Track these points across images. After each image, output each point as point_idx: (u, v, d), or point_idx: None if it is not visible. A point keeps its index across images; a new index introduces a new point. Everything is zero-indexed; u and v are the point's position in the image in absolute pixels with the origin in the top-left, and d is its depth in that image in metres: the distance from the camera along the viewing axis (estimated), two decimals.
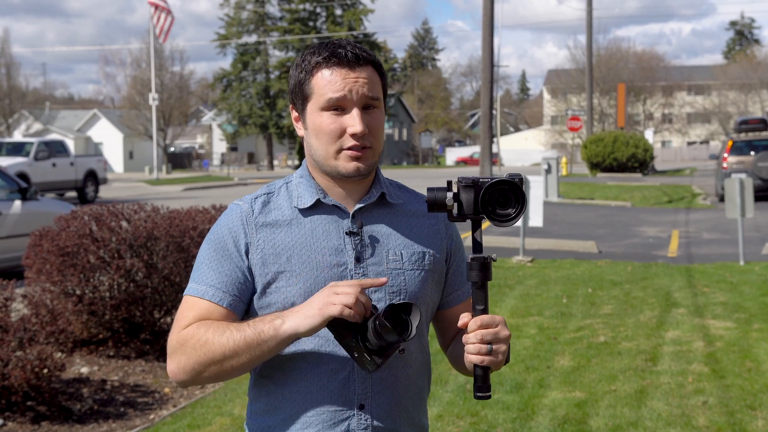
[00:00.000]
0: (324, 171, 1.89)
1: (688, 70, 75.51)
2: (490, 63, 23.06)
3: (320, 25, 61.69)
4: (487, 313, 1.73)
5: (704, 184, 29.85)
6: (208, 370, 1.80)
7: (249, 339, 1.75)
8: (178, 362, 1.83)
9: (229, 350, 1.76)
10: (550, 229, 15.49)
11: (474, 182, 1.71)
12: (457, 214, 1.73)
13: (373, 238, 1.90)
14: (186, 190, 31.95)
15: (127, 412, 5.48)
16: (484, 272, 1.71)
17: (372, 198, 1.92)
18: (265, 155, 62.94)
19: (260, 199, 1.91)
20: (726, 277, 10.19)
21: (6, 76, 50.75)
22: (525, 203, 1.69)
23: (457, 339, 2.00)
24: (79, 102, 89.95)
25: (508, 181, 1.69)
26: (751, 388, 5.77)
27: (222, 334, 1.77)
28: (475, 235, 1.75)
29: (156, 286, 6.48)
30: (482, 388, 1.73)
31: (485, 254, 1.72)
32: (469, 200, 1.71)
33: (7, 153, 24.22)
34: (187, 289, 1.90)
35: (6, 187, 10.79)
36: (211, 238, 1.91)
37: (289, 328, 1.73)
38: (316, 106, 1.86)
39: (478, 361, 1.71)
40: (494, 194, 1.69)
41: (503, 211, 1.70)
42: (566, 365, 6.42)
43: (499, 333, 1.71)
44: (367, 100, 1.85)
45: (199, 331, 1.81)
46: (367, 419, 1.86)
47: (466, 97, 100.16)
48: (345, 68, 1.84)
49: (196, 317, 1.85)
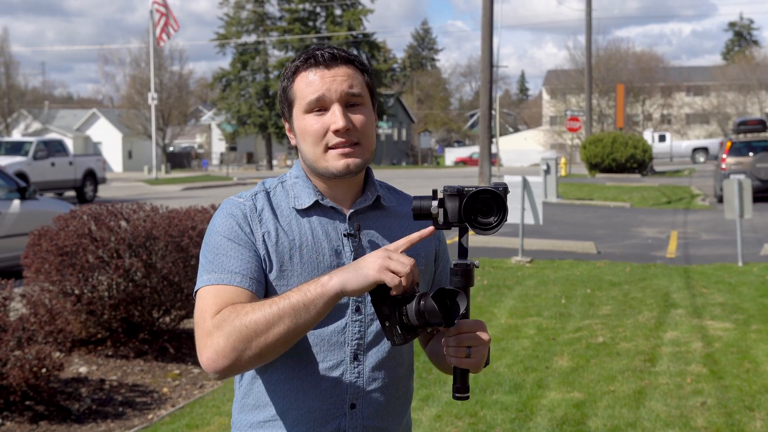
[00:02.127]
0: (317, 174, 1.90)
1: (686, 70, 75.48)
2: (489, 63, 23.07)
3: (320, 24, 61.69)
4: (468, 317, 1.75)
5: (703, 185, 29.85)
6: (251, 346, 1.68)
7: (295, 302, 1.67)
8: (216, 347, 1.69)
9: (273, 317, 1.67)
10: (549, 230, 15.49)
11: (459, 191, 1.74)
12: (443, 222, 1.76)
13: (369, 240, 1.91)
14: (185, 190, 31.95)
15: (125, 412, 5.47)
16: (466, 278, 1.74)
17: (367, 201, 1.93)
18: (264, 155, 62.94)
19: (260, 195, 1.91)
20: (724, 278, 10.19)
21: (5, 75, 50.73)
22: (506, 212, 1.72)
23: (436, 337, 2.03)
24: (78, 101, 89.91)
25: (491, 191, 1.72)
26: (749, 388, 5.77)
27: (263, 305, 1.69)
28: (461, 241, 1.78)
29: (155, 286, 6.47)
30: (461, 389, 1.78)
31: (468, 261, 1.75)
32: (454, 209, 1.74)
33: (5, 152, 24.21)
34: (201, 281, 1.81)
35: (5, 187, 10.78)
36: (218, 231, 1.85)
37: (337, 283, 1.67)
38: (300, 110, 1.88)
39: (457, 363, 1.75)
40: (477, 203, 1.73)
41: (485, 219, 1.73)
42: (565, 366, 6.43)
43: (478, 337, 1.75)
44: (348, 97, 1.86)
45: (236, 309, 1.71)
46: (359, 419, 1.88)
47: (465, 98, 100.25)
48: (321, 68, 1.86)
49: (225, 303, 1.75)
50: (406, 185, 9.05)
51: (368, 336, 1.89)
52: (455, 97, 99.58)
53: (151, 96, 39.30)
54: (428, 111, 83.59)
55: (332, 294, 1.68)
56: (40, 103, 61.56)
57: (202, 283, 1.80)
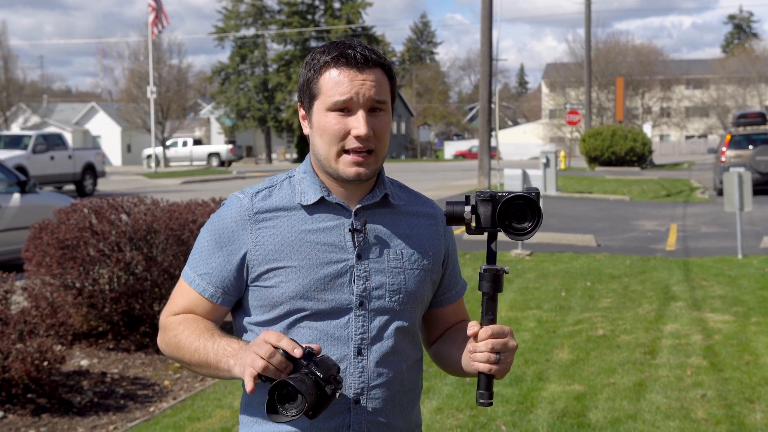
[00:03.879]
0: (326, 171, 1.90)
1: (686, 63, 75.49)
2: (488, 56, 23.04)
3: (318, 18, 61.55)
4: (496, 323, 1.77)
5: (702, 177, 29.86)
6: (181, 364, 1.95)
7: (211, 361, 1.83)
8: (161, 341, 1.98)
9: (195, 361, 1.87)
10: (549, 223, 15.49)
11: (492, 196, 1.75)
12: (475, 227, 1.77)
13: (375, 236, 1.91)
14: (184, 184, 31.92)
15: (127, 405, 5.48)
16: (495, 284, 1.76)
17: (375, 198, 1.93)
18: (264, 148, 62.88)
19: (261, 194, 1.92)
20: (724, 270, 10.20)
21: (3, 68, 50.56)
22: (540, 217, 1.73)
23: (445, 338, 2.04)
24: (77, 95, 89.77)
25: (525, 196, 1.72)
26: (749, 381, 5.79)
27: (193, 343, 1.86)
28: (491, 246, 1.79)
29: (155, 279, 6.48)
30: (485, 395, 1.77)
31: (498, 266, 1.76)
32: (487, 214, 1.74)
33: (5, 146, 24.19)
34: (184, 269, 1.97)
35: (5, 180, 10.79)
36: (210, 228, 1.94)
37: (238, 373, 1.77)
38: (323, 105, 1.86)
39: (486, 369, 1.75)
40: (511, 209, 1.73)
41: (519, 225, 1.74)
42: (565, 358, 6.44)
43: (507, 343, 1.76)
44: (373, 103, 1.85)
45: (177, 328, 1.91)
46: (363, 414, 1.88)
47: (464, 91, 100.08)
48: (353, 69, 1.84)
49: (185, 308, 1.94)
50: (406, 179, 9.08)
51: (372, 331, 1.89)
52: (454, 91, 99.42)
53: (150, 90, 39.27)
54: (427, 104, 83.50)
55: (235, 376, 1.79)
56: (39, 97, 61.50)
57: (183, 273, 1.98)
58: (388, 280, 1.89)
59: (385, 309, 1.89)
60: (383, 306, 1.89)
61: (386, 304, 1.89)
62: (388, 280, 1.89)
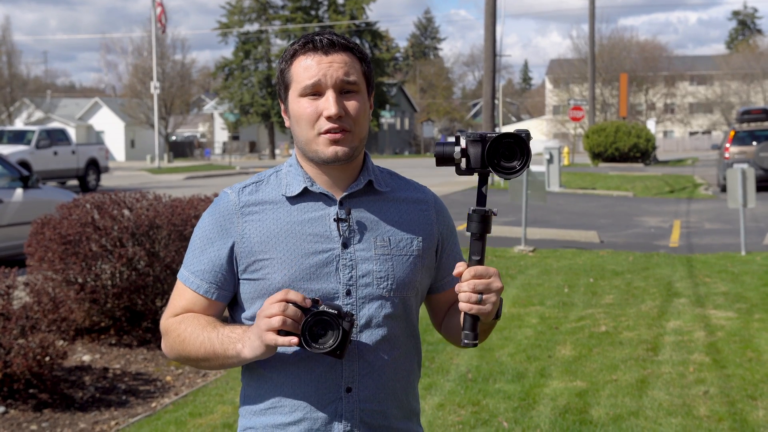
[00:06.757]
0: (308, 157, 1.92)
1: (690, 60, 75.28)
2: (492, 52, 23.02)
3: (322, 13, 61.54)
4: (483, 264, 1.79)
5: (706, 174, 29.82)
6: (188, 363, 1.97)
7: (218, 350, 1.86)
8: (165, 346, 2.00)
9: (201, 355, 1.89)
10: (552, 219, 15.49)
11: (481, 137, 1.76)
12: (465, 168, 1.78)
13: (361, 224, 1.92)
14: (188, 179, 31.94)
15: (128, 400, 5.49)
16: (483, 224, 1.77)
17: (359, 185, 1.94)
18: (267, 144, 62.91)
19: (248, 188, 1.95)
20: (727, 267, 10.18)
21: (7, 64, 50.61)
22: (529, 156, 1.74)
23: (448, 314, 2.05)
24: (81, 90, 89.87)
25: (514, 135, 1.74)
26: (752, 377, 5.78)
27: (197, 337, 1.89)
28: (481, 189, 1.80)
29: (158, 275, 6.48)
30: (469, 335, 1.79)
31: (487, 208, 1.77)
32: (477, 154, 1.76)
33: (8, 141, 24.20)
34: (180, 271, 1.99)
35: (8, 175, 10.79)
36: (200, 225, 1.98)
37: (249, 354, 1.81)
38: (295, 93, 1.90)
39: (467, 309, 1.77)
40: (500, 147, 1.74)
41: (508, 164, 1.75)
42: (567, 355, 6.43)
43: (491, 284, 1.77)
44: (343, 84, 1.88)
45: (179, 327, 1.93)
46: (355, 402, 1.89)
47: (468, 87, 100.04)
48: (319, 53, 1.88)
49: (183, 308, 1.96)
50: (409, 174, 9.16)
51: (360, 319, 1.89)
52: (458, 87, 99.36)
53: (154, 85, 39.26)
54: (431, 100, 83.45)
55: (248, 360, 1.84)
56: (43, 92, 61.49)
57: (179, 274, 2.00)
58: (375, 268, 1.90)
59: (373, 296, 1.90)
60: (371, 293, 1.90)
61: (374, 292, 1.90)
62: (375, 267, 1.90)
